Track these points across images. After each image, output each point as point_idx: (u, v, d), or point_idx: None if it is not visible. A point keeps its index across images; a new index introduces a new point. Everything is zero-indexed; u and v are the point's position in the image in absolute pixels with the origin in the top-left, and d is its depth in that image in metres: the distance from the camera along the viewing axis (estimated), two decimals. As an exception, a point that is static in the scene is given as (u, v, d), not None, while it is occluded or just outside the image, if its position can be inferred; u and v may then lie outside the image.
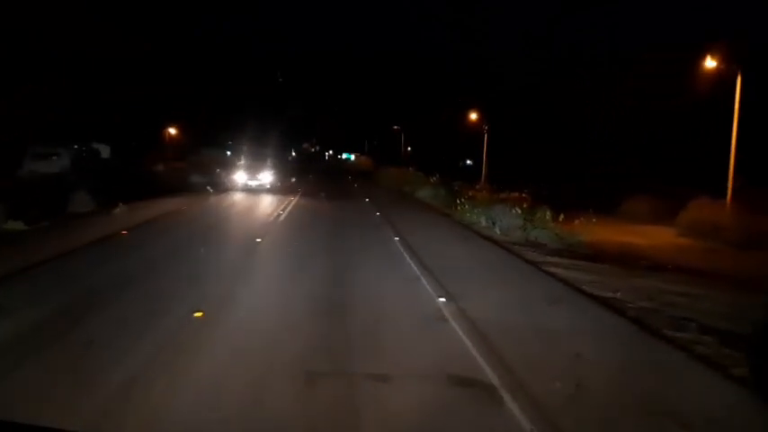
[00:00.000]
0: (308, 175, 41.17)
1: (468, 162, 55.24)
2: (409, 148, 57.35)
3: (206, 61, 44.47)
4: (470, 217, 17.78)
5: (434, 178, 28.19)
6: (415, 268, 9.80)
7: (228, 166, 29.78)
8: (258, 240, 12.11)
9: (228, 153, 39.56)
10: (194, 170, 29.13)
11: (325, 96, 77.61)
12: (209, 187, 24.85)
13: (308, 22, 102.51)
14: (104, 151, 40.22)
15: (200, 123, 42.00)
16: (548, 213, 15.24)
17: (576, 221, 15.64)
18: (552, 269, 10.82)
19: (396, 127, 58.17)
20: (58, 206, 16.62)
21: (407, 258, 10.73)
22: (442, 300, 7.63)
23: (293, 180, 33.82)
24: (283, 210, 18.37)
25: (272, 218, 16.62)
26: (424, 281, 8.83)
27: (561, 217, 15.25)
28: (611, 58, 39.32)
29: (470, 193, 20.38)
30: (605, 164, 34.83)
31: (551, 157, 38.87)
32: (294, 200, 21.52)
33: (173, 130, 43.76)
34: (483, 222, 16.87)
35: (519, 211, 15.54)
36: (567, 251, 13.82)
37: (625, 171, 33.04)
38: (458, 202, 19.18)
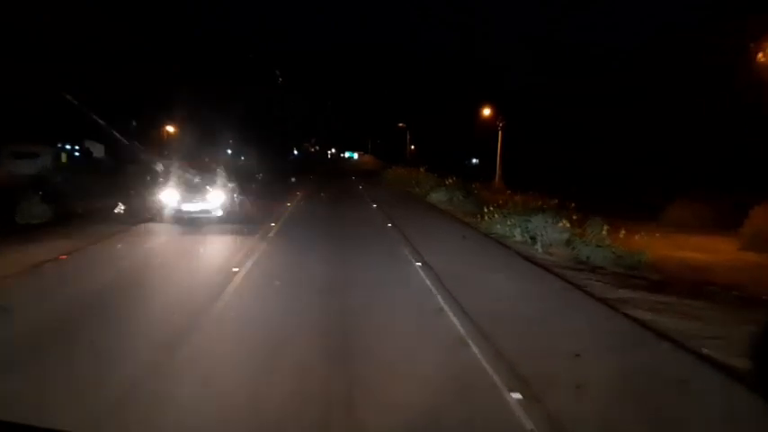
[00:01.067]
0: (309, 175, 38.79)
1: (474, 161, 53.15)
2: (413, 147, 54.81)
3: (206, 60, 42.85)
4: (501, 228, 14.72)
5: (450, 180, 25.08)
6: (456, 322, 6.69)
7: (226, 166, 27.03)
8: (235, 270, 9.09)
9: (229, 152, 38.56)
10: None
11: (326, 95, 75.41)
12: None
13: (309, 20, 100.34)
14: (98, 150, 37.49)
15: (198, 122, 40.07)
16: (604, 227, 12.17)
17: (637, 236, 12.63)
18: (637, 312, 7.84)
19: (401, 124, 55.40)
20: (7, 216, 14.08)
21: (441, 302, 7.64)
22: (517, 396, 4.61)
23: (293, 180, 32.21)
24: (274, 227, 15.37)
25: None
26: (474, 349, 5.77)
27: (622, 232, 12.16)
28: (623, 51, 36.86)
29: (500, 201, 17.18)
30: (628, 165, 32.08)
31: (565, 158, 36.37)
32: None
33: (170, 129, 41.83)
34: (518, 236, 13.85)
35: (567, 224, 12.47)
36: (633, 277, 10.94)
37: (653, 173, 30.24)
38: (485, 210, 16.05)
